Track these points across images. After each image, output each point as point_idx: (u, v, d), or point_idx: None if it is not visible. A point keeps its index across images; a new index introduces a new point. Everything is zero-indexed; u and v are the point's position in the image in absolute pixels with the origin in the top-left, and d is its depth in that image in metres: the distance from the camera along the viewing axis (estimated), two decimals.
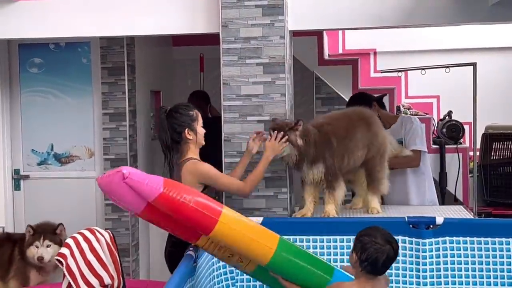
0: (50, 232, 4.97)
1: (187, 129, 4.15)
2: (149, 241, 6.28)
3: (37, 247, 4.92)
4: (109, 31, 4.91)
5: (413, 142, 5.18)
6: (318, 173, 4.43)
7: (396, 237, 4.08)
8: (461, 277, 4.11)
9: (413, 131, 5.20)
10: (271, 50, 4.51)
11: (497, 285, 4.09)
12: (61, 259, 3.81)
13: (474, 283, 4.10)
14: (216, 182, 4.14)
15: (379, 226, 3.39)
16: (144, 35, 5.13)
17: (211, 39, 4.85)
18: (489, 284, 4.09)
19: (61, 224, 5.02)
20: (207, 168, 4.14)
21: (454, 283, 4.11)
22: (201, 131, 4.23)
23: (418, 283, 4.11)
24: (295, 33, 4.87)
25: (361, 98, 5.30)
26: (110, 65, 5.82)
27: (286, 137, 4.28)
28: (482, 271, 4.11)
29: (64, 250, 3.83)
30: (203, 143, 4.26)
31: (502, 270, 4.09)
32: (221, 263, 4.13)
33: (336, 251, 4.19)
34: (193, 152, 4.19)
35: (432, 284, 4.10)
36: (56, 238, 4.96)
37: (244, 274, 4.12)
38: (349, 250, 4.13)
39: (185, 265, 3.32)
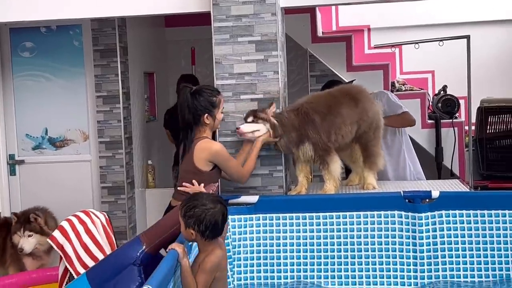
0: (30, 221, 4.78)
1: (206, 114, 4.15)
2: (146, 224, 6.27)
3: (20, 236, 4.76)
4: (100, 13, 4.88)
5: (398, 107, 5.33)
6: (307, 151, 4.44)
7: (392, 212, 4.15)
8: (458, 250, 4.12)
9: (390, 99, 5.34)
10: (263, 27, 4.48)
11: (494, 257, 4.10)
12: (51, 242, 3.81)
13: (471, 256, 4.11)
14: (225, 163, 4.17)
15: (199, 193, 3.35)
16: (135, 15, 5.10)
17: (203, 19, 4.82)
18: (486, 256, 4.10)
19: (35, 211, 4.82)
20: (220, 147, 4.18)
21: (451, 256, 4.12)
22: (220, 117, 4.25)
23: (415, 257, 4.12)
24: (288, 11, 4.84)
25: (333, 84, 5.30)
26: (102, 47, 5.79)
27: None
28: (478, 243, 4.12)
29: (57, 233, 3.82)
30: (219, 127, 4.33)
31: (498, 242, 4.10)
32: None
33: (333, 227, 4.20)
34: (207, 133, 4.22)
35: (429, 257, 4.11)
36: (36, 227, 4.76)
37: (242, 260, 4.14)
38: (345, 226, 4.18)
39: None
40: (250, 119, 4.35)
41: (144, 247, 3.34)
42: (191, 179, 4.07)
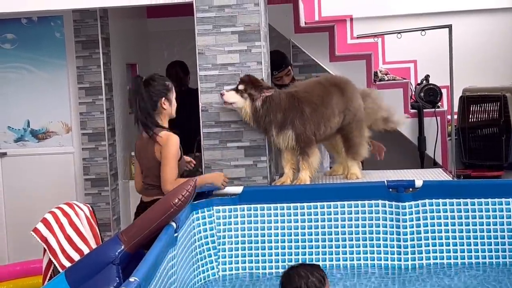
0: None
1: (164, 98, 4.11)
2: (130, 215, 6.26)
3: None
4: (81, 4, 4.85)
5: None
6: (287, 138, 4.44)
7: (376, 201, 4.18)
8: (441, 239, 4.15)
9: None
10: (246, 18, 4.47)
11: (477, 245, 4.14)
12: (34, 235, 3.78)
13: (454, 244, 4.15)
14: (166, 160, 4.01)
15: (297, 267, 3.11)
16: (117, 6, 5.06)
17: (186, 10, 4.79)
18: (469, 244, 4.14)
19: None
20: (176, 141, 4.05)
21: (434, 244, 4.16)
22: (174, 102, 4.20)
23: (399, 246, 4.15)
24: (270, 1, 4.84)
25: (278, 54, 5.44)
26: (84, 38, 5.74)
27: None
28: (462, 232, 4.16)
29: (40, 226, 3.79)
30: (174, 115, 4.22)
31: (482, 230, 4.15)
32: (203, 233, 4.14)
33: (317, 217, 4.22)
34: (165, 122, 4.15)
35: (412, 246, 4.15)
36: None
37: (227, 250, 4.14)
38: (329, 216, 4.20)
39: (167, 236, 3.31)
40: (241, 86, 4.34)
41: (123, 246, 3.33)
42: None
